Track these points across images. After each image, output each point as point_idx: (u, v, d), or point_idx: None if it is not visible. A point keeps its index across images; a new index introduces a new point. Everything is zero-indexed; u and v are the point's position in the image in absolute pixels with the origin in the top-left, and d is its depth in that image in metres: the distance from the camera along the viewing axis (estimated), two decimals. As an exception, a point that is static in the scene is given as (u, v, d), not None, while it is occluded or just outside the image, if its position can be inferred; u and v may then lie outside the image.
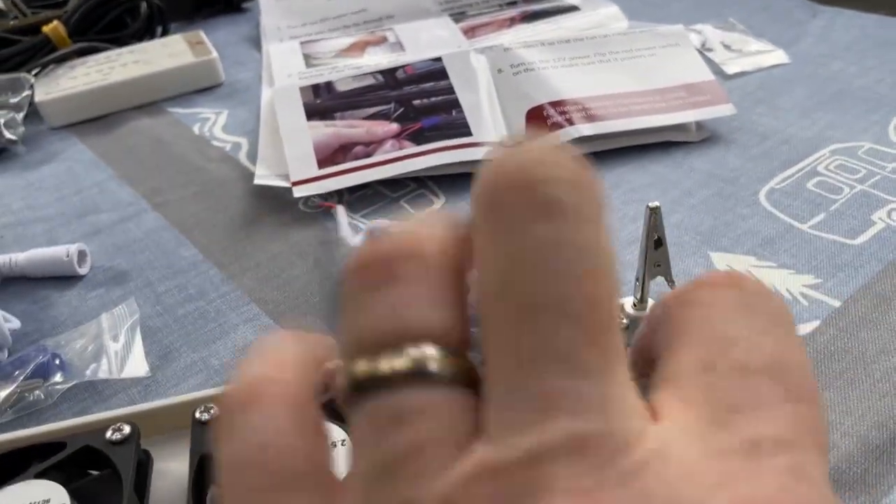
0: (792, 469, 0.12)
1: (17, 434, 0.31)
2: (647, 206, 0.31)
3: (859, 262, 0.40)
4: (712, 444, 0.12)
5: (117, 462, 0.29)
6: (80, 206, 0.53)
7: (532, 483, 0.12)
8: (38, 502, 0.27)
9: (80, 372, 0.39)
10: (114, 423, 0.30)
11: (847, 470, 0.30)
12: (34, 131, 0.63)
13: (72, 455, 0.30)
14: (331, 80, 0.57)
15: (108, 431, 0.30)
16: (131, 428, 0.30)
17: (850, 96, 0.56)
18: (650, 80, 0.55)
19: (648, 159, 0.51)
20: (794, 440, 0.13)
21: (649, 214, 0.31)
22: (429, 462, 0.12)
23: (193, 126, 0.62)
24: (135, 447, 0.30)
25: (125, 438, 0.30)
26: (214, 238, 0.48)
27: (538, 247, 0.13)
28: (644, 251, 0.32)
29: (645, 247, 0.32)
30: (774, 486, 0.12)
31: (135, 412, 0.32)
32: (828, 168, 0.48)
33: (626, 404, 0.13)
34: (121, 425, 0.30)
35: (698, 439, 0.13)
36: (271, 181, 0.51)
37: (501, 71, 0.56)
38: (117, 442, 0.30)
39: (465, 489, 0.12)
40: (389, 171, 0.50)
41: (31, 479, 0.29)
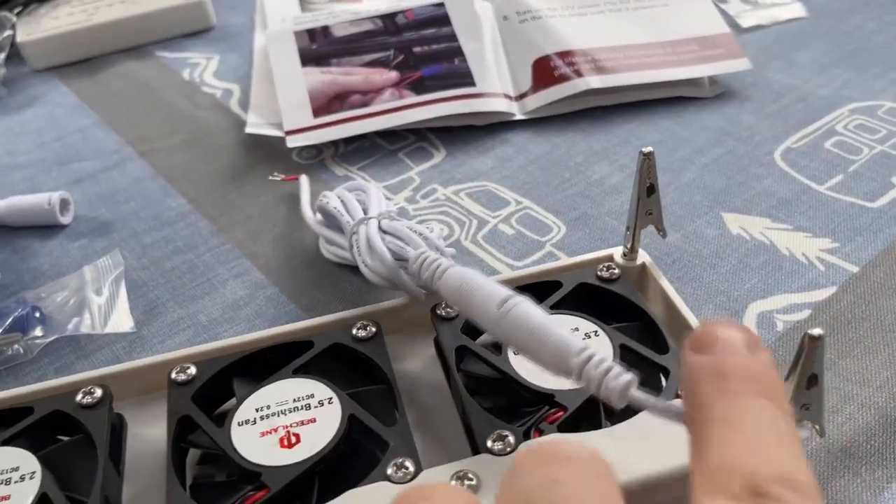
0: None
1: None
2: (641, 152, 0.30)
3: (878, 225, 0.39)
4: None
5: (89, 427, 0.28)
6: (62, 152, 0.51)
7: None
8: (6, 470, 0.26)
9: (61, 326, 0.37)
10: (84, 385, 0.29)
11: (865, 443, 0.29)
12: (15, 73, 0.61)
13: (40, 420, 0.28)
14: (327, 25, 0.54)
15: (79, 395, 0.29)
16: (103, 391, 0.29)
17: (869, 53, 0.53)
18: (662, 31, 0.52)
19: (659, 115, 0.49)
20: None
21: (642, 160, 0.30)
22: None
23: (183, 71, 0.59)
24: (108, 411, 0.28)
25: (97, 402, 0.28)
26: (203, 189, 0.46)
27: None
28: (636, 198, 0.31)
29: (637, 194, 0.31)
30: None
31: (106, 374, 0.30)
32: (846, 128, 0.46)
33: None
34: (92, 388, 0.29)
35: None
36: (264, 130, 0.49)
37: (507, 18, 0.54)
38: (89, 406, 0.28)
39: None
40: (388, 122, 0.47)
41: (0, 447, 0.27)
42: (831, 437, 0.29)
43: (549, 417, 0.27)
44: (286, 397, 0.28)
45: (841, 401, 0.31)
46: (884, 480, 0.28)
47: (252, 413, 0.27)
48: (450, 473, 0.25)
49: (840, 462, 0.28)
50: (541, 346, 0.24)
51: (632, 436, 0.26)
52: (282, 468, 0.26)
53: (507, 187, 0.44)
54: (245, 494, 0.25)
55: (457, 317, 0.31)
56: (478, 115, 0.49)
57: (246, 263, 0.40)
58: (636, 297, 0.32)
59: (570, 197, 0.43)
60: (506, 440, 0.26)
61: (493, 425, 0.26)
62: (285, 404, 0.28)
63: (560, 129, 0.48)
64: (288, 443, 0.26)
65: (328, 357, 0.30)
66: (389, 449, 0.26)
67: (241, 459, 0.26)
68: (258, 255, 0.41)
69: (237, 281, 0.39)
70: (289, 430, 0.27)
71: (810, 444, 0.29)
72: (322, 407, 0.28)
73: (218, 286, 0.39)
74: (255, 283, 0.39)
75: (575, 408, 0.27)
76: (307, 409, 0.28)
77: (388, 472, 0.25)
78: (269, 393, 0.28)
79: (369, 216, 0.34)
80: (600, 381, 0.23)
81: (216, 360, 0.30)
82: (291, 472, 0.25)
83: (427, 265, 0.29)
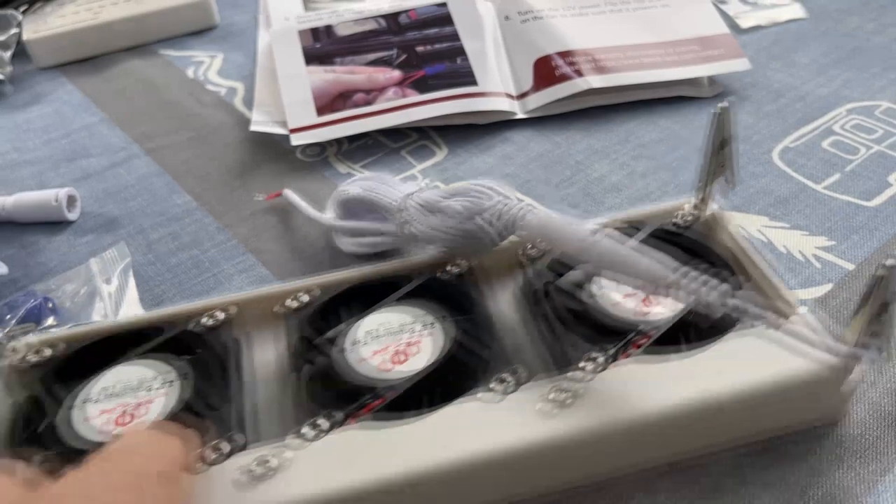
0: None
1: (112, 322, 0.33)
2: (717, 106, 0.31)
3: (874, 224, 0.39)
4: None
5: (215, 345, 0.31)
6: (69, 149, 0.52)
7: None
8: (146, 379, 0.29)
9: (73, 315, 0.38)
10: (208, 310, 0.32)
11: (859, 437, 0.29)
12: (22, 71, 0.61)
13: (169, 339, 0.31)
14: (331, 24, 0.55)
15: (203, 317, 0.32)
16: (225, 314, 0.32)
17: (868, 54, 0.54)
18: (662, 31, 0.53)
19: (658, 114, 0.49)
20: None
21: (718, 113, 0.31)
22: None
23: (187, 69, 0.59)
24: (231, 331, 0.32)
25: (220, 323, 0.32)
26: (208, 185, 0.47)
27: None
28: (710, 151, 0.32)
29: (711, 147, 0.32)
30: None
31: (228, 300, 0.33)
32: (843, 127, 0.47)
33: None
34: (214, 312, 0.32)
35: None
36: (268, 128, 0.50)
37: (509, 18, 0.54)
38: (213, 327, 0.32)
39: None
40: (391, 120, 0.48)
41: (134, 360, 0.30)
42: (825, 432, 0.30)
43: (636, 343, 0.29)
44: (393, 322, 0.31)
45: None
46: (877, 474, 0.28)
47: (363, 335, 0.31)
48: (546, 389, 0.27)
49: (834, 455, 0.29)
50: (637, 266, 0.26)
51: (713, 357, 0.28)
52: (393, 381, 0.28)
53: (508, 185, 0.44)
54: (361, 404, 0.28)
55: (542, 256, 0.33)
56: (479, 113, 0.49)
57: (251, 259, 0.41)
58: (709, 242, 0.34)
59: (570, 195, 0.43)
60: (596, 361, 0.28)
61: (582, 348, 0.29)
62: (392, 328, 0.31)
63: (561, 127, 0.49)
64: (398, 360, 0.29)
65: (426, 290, 0.33)
66: (489, 366, 0.29)
67: (355, 374, 0.29)
68: (263, 251, 0.41)
69: (242, 276, 0.40)
70: (398, 349, 0.30)
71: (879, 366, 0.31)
72: (426, 330, 0.31)
73: (223, 281, 0.40)
74: (260, 279, 0.40)
75: (659, 335, 0.29)
76: (412, 333, 0.31)
77: (490, 386, 0.28)
78: (377, 318, 0.31)
79: (412, 190, 0.35)
80: (699, 291, 0.25)
81: (327, 288, 0.33)
82: (402, 385, 0.28)
83: (507, 210, 0.31)
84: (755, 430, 0.29)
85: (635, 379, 0.27)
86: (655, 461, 0.29)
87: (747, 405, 0.27)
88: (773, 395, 0.27)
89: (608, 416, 0.26)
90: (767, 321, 0.24)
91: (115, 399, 0.29)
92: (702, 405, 0.27)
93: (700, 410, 0.27)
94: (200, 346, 0.31)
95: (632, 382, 0.27)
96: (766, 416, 0.28)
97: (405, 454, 0.26)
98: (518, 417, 0.27)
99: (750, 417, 0.28)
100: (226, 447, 0.27)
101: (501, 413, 0.27)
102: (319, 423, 0.27)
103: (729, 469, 0.29)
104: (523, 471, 0.27)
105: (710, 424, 0.28)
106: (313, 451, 0.26)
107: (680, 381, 0.27)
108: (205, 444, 0.26)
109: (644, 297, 0.31)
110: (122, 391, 0.29)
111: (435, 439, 0.26)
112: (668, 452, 0.28)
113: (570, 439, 0.26)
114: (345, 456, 0.26)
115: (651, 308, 0.30)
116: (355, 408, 0.28)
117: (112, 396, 0.29)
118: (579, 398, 0.27)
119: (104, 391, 0.29)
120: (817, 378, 0.27)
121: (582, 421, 0.26)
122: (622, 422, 0.27)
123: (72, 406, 0.29)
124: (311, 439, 0.27)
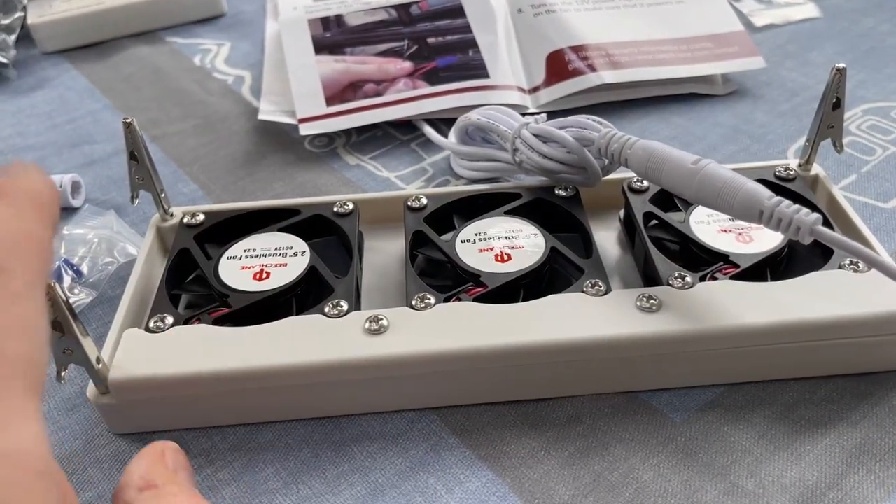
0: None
1: (259, 203, 0.37)
2: (835, 67, 0.34)
3: (891, 226, 0.39)
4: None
5: (344, 227, 0.35)
6: (73, 135, 0.51)
7: None
8: (283, 247, 0.34)
9: (93, 272, 0.38)
10: (340, 201, 0.36)
11: (879, 440, 0.29)
12: (26, 55, 0.60)
13: (305, 220, 0.36)
14: (340, 14, 0.54)
15: (335, 206, 0.36)
16: (354, 204, 0.36)
17: (883, 55, 0.53)
18: (677, 28, 0.52)
19: (671, 111, 0.49)
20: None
21: (835, 74, 0.34)
22: None
23: (194, 57, 0.59)
24: (357, 218, 0.36)
25: (349, 212, 0.36)
26: (215, 175, 0.46)
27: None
28: (821, 111, 0.35)
29: (823, 107, 0.35)
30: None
31: (355, 198, 0.37)
32: (860, 128, 0.46)
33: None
34: (345, 202, 0.36)
35: None
36: (276, 117, 0.49)
37: (521, 11, 0.54)
38: (343, 214, 0.36)
39: None
40: (401, 112, 0.47)
41: (275, 232, 0.35)
42: (845, 434, 0.29)
43: (724, 270, 0.32)
44: (499, 228, 0.34)
45: (855, 399, 0.31)
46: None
47: (472, 235, 0.34)
48: (636, 296, 0.30)
49: (854, 458, 0.28)
50: (735, 194, 0.28)
51: (796, 287, 0.30)
52: (497, 275, 0.32)
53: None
54: (465, 288, 0.32)
55: (647, 190, 0.36)
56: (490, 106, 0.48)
57: (258, 250, 0.40)
58: (809, 194, 0.35)
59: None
60: (685, 280, 0.31)
61: (674, 268, 0.31)
62: (499, 232, 0.34)
63: (573, 123, 0.48)
64: (501, 259, 0.33)
65: (534, 207, 0.36)
66: (584, 274, 0.32)
67: (464, 265, 0.32)
68: (270, 242, 0.41)
69: (249, 267, 0.39)
70: (502, 250, 0.33)
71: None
72: (528, 238, 0.34)
73: (230, 272, 0.39)
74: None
75: (746, 266, 0.32)
76: (516, 238, 0.34)
77: (584, 289, 0.31)
78: (485, 224, 0.35)
79: (527, 121, 0.38)
80: (791, 218, 0.27)
81: (442, 196, 0.37)
82: (504, 278, 0.32)
83: (616, 139, 0.33)
84: (828, 365, 0.31)
85: (720, 296, 0.30)
86: (727, 377, 0.31)
87: (829, 335, 0.30)
88: (857, 329, 0.30)
89: (691, 325, 0.29)
90: (858, 252, 0.26)
91: (256, 259, 0.33)
92: (782, 328, 0.29)
93: (780, 333, 0.29)
94: (332, 228, 0.36)
95: (717, 299, 0.30)
96: (845, 351, 0.30)
97: (512, 329, 0.29)
98: (616, 313, 0.30)
99: (828, 350, 0.30)
100: (344, 305, 0.31)
101: (601, 307, 0.30)
102: (428, 298, 0.31)
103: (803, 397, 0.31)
104: (608, 363, 0.30)
105: (786, 351, 0.30)
106: (422, 316, 0.30)
107: (763, 304, 0.30)
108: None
109: (738, 233, 0.33)
110: (261, 254, 0.34)
111: (540, 319, 0.30)
112: (741, 370, 0.31)
113: (658, 339, 0.29)
114: (448, 324, 0.30)
115: (743, 244, 0.33)
116: (460, 290, 0.31)
117: (253, 257, 0.34)
118: (665, 307, 0.30)
119: (246, 252, 0.34)
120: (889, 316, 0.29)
121: (665, 325, 0.29)
122: (703, 331, 0.29)
123: (218, 260, 0.34)
124: (421, 309, 0.30)
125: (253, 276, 0.33)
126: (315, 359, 0.29)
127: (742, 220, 0.29)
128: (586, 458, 0.29)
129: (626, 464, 0.29)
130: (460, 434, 0.30)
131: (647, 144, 0.31)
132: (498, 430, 0.31)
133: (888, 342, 0.30)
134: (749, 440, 0.29)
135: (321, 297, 0.32)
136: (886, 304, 0.29)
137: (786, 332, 0.29)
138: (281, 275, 0.32)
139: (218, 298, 0.32)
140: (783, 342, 0.30)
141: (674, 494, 0.28)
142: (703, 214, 0.34)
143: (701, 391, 0.31)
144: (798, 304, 0.30)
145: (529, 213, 0.36)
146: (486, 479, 0.29)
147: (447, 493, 0.28)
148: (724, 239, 0.33)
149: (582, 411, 0.31)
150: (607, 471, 0.29)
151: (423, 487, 0.29)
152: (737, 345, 0.30)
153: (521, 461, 0.29)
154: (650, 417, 0.31)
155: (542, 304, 0.30)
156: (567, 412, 0.31)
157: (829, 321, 0.29)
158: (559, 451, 0.30)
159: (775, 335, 0.29)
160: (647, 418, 0.31)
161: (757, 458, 0.29)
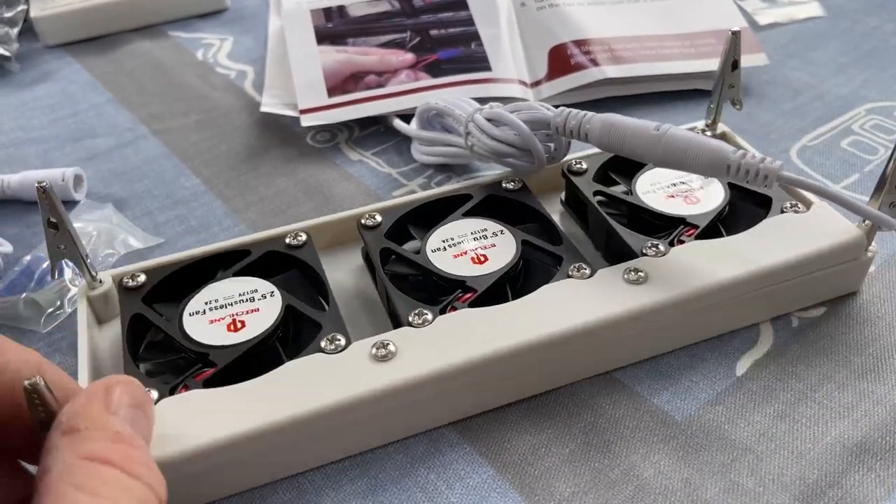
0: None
1: (201, 249, 0.35)
2: (730, 31, 0.35)
3: (894, 225, 0.39)
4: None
5: (305, 259, 0.33)
6: (75, 128, 0.51)
7: None
8: (247, 292, 0.32)
9: (96, 259, 0.38)
10: (289, 234, 0.34)
11: (880, 439, 0.29)
12: (29, 49, 0.60)
13: (259, 258, 0.34)
14: (343, 5, 0.54)
15: (287, 238, 0.34)
16: (307, 234, 0.34)
17: (886, 54, 0.53)
18: (680, 23, 0.52)
19: (673, 107, 0.49)
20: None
21: (731, 39, 0.35)
22: None
23: (196, 52, 0.59)
24: (313, 247, 0.34)
25: (303, 243, 0.34)
26: (217, 169, 0.46)
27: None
28: (721, 72, 0.37)
29: (722, 68, 0.37)
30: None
31: (304, 226, 0.36)
32: (863, 127, 0.46)
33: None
34: (296, 233, 0.34)
35: None
36: (278, 109, 0.49)
37: (524, 4, 0.53)
38: (297, 246, 0.34)
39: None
40: (403, 104, 0.47)
41: (231, 278, 0.33)
42: (846, 433, 0.29)
43: (687, 232, 0.34)
44: (464, 231, 0.34)
45: (856, 397, 0.31)
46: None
47: (440, 243, 0.34)
48: (621, 271, 0.31)
49: (855, 457, 0.28)
50: (700, 153, 0.30)
51: (758, 236, 0.33)
52: (481, 277, 0.32)
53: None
54: (457, 296, 0.31)
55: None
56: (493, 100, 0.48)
57: (260, 244, 0.40)
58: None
59: (585, 187, 0.43)
60: (658, 248, 0.32)
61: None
62: (466, 235, 0.34)
63: (575, 119, 0.48)
64: (478, 261, 0.33)
65: (487, 205, 0.36)
66: (564, 260, 0.32)
67: (445, 273, 0.32)
68: (272, 237, 0.41)
69: (251, 261, 0.39)
70: (476, 252, 0.33)
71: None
72: (497, 236, 0.34)
73: (231, 266, 0.39)
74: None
75: (705, 224, 0.34)
76: (485, 238, 0.34)
77: (569, 274, 0.31)
78: (449, 229, 0.34)
79: (480, 106, 0.38)
80: (758, 168, 0.29)
81: (395, 209, 0.36)
82: (490, 279, 0.32)
83: (573, 116, 0.34)
84: (794, 300, 0.34)
85: (696, 257, 0.32)
86: (721, 329, 0.33)
87: (794, 274, 0.32)
88: (822, 261, 0.32)
89: (680, 289, 0.31)
90: (819, 190, 0.28)
91: (223, 310, 0.31)
92: (761, 275, 0.31)
93: (759, 280, 0.32)
94: (290, 262, 0.34)
95: (695, 260, 0.32)
96: (806, 285, 0.33)
97: (524, 326, 0.29)
98: (609, 291, 0.31)
99: (793, 287, 0.33)
100: (341, 338, 0.29)
101: (593, 288, 0.31)
102: (425, 313, 0.30)
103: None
104: (613, 340, 0.31)
105: (764, 294, 0.32)
106: (427, 333, 0.29)
107: (737, 257, 0.32)
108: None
109: (685, 196, 0.35)
110: (226, 303, 0.31)
111: (540, 313, 0.30)
112: (731, 320, 0.33)
113: (656, 308, 0.30)
114: (458, 334, 0.29)
115: (694, 206, 0.35)
116: (452, 299, 0.31)
117: (218, 308, 0.31)
118: (650, 277, 0.31)
119: (208, 304, 0.31)
120: (846, 245, 0.32)
121: (657, 295, 0.30)
122: (692, 293, 0.31)
123: (180, 318, 0.31)
124: (420, 326, 0.30)
125: (227, 327, 0.30)
126: (336, 398, 0.27)
127: (708, 176, 0.32)
128: (587, 455, 0.29)
129: (627, 461, 0.29)
130: (461, 430, 0.31)
131: (606, 117, 0.32)
132: (499, 426, 0.31)
133: (847, 269, 0.34)
134: (750, 438, 0.29)
135: (305, 334, 0.31)
136: (839, 235, 0.33)
137: (764, 277, 0.32)
138: (257, 321, 0.30)
139: (198, 359, 0.30)
140: (762, 287, 0.32)
141: (674, 492, 0.28)
142: (647, 185, 0.36)
143: (702, 389, 0.31)
144: (767, 251, 0.32)
145: (485, 212, 0.35)
146: (487, 475, 0.29)
147: (448, 489, 0.29)
148: (674, 203, 0.35)
149: (583, 408, 0.31)
150: (608, 468, 0.29)
151: (423, 483, 0.29)
152: (725, 297, 0.32)
153: (521, 458, 0.29)
154: (651, 415, 0.31)
155: (539, 296, 0.31)
156: (568, 409, 0.31)
157: (799, 260, 0.32)
158: (560, 447, 0.30)
159: (755, 282, 0.32)
160: (648, 416, 0.31)
161: (757, 456, 0.29)
